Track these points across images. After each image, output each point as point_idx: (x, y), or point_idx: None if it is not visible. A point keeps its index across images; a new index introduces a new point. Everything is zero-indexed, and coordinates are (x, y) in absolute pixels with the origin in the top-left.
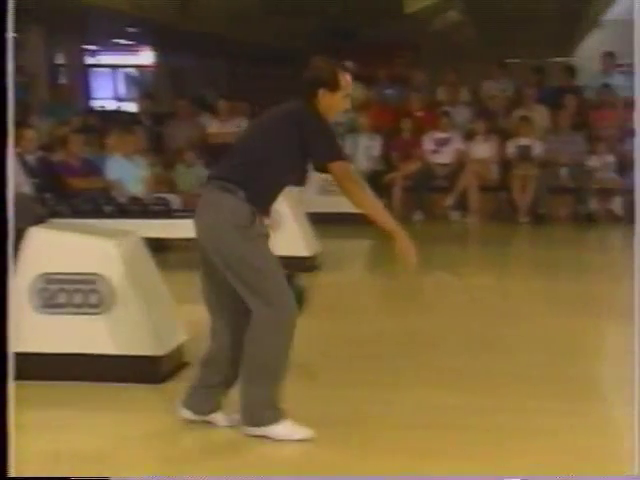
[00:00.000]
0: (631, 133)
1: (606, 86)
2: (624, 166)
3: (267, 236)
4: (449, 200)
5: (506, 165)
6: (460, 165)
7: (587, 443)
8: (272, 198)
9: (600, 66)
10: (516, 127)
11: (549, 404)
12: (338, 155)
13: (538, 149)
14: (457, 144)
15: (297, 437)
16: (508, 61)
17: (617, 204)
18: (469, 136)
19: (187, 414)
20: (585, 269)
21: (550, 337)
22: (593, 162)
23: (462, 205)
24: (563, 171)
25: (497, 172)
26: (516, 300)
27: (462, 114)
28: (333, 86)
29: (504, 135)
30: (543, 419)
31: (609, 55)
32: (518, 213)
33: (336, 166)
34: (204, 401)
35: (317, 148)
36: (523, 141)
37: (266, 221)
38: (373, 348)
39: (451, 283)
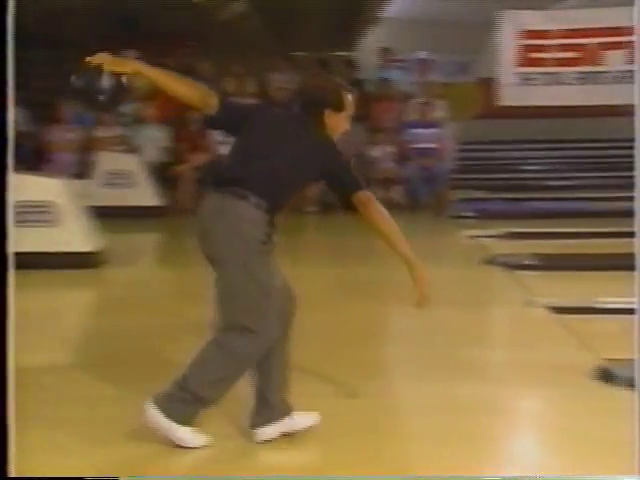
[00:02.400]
0: (408, 125)
1: (384, 80)
2: (402, 156)
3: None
4: None
5: None
6: None
7: (364, 423)
8: (283, 209)
9: (379, 61)
10: None
11: (334, 386)
12: (362, 184)
13: None
14: None
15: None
16: (293, 54)
17: (397, 192)
18: None
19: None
20: (373, 255)
21: (345, 323)
22: (374, 152)
23: None
24: None
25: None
26: (309, 288)
27: None
28: (338, 107)
29: None
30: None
31: (386, 50)
32: (305, 202)
33: (363, 195)
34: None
35: (346, 180)
36: None
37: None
38: (148, 342)
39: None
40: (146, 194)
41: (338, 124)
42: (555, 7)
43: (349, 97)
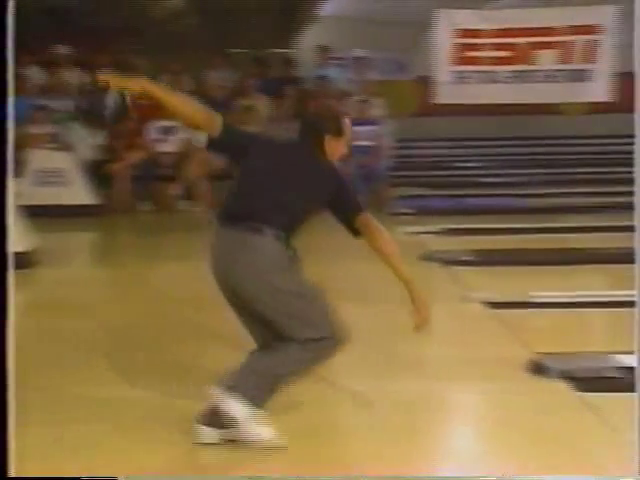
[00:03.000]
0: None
1: (322, 78)
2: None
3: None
4: (176, 189)
5: None
6: (186, 154)
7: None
8: (298, 232)
9: (316, 59)
10: (240, 116)
11: None
12: (363, 206)
13: None
14: (183, 133)
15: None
16: (231, 51)
17: None
18: None
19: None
20: (310, 253)
21: None
22: None
23: (190, 194)
24: None
25: (224, 161)
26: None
27: None
28: (338, 132)
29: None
30: None
31: (324, 48)
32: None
33: (364, 218)
34: None
35: (349, 204)
36: (248, 130)
37: None
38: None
39: (185, 273)
40: (80, 193)
41: (337, 149)
42: (488, 7)
43: (347, 122)
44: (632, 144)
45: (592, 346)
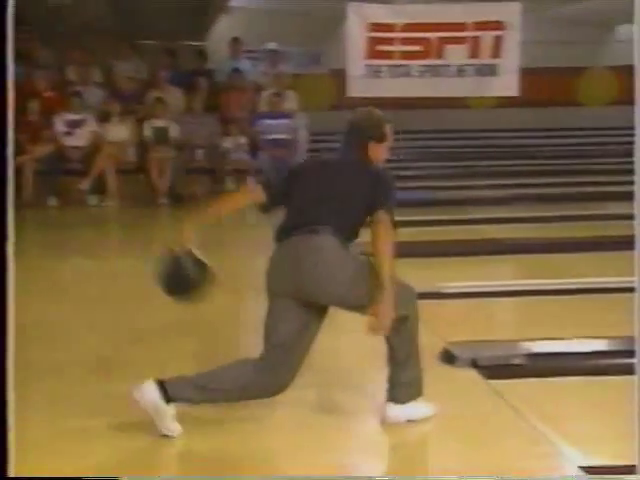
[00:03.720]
0: (259, 116)
1: (235, 70)
2: (254, 147)
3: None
4: (85, 184)
5: (143, 147)
6: (95, 148)
7: None
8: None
9: (229, 51)
10: (151, 109)
11: None
12: (389, 204)
13: (174, 131)
14: (91, 126)
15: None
16: (141, 42)
17: (250, 183)
18: (103, 118)
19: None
20: (224, 246)
21: (201, 317)
22: (227, 143)
23: (99, 189)
24: (198, 152)
25: (134, 154)
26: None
27: (95, 95)
28: (381, 138)
29: (140, 117)
30: None
31: (236, 41)
32: (157, 195)
33: (382, 213)
34: None
35: (378, 196)
36: (159, 123)
37: None
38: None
39: (91, 269)
40: None
41: (380, 153)
42: (399, 1)
43: (389, 128)
44: (534, 137)
45: (501, 334)
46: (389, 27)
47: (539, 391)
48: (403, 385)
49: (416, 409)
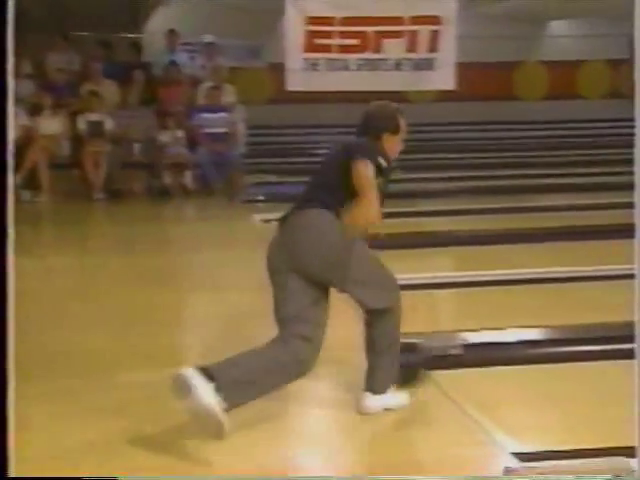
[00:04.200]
0: (197, 109)
1: (172, 63)
2: (192, 141)
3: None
4: (17, 179)
5: (77, 141)
6: (27, 141)
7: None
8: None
9: (165, 43)
10: (85, 102)
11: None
12: (370, 158)
13: (109, 124)
14: (22, 119)
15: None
16: (73, 34)
17: (188, 178)
18: (34, 111)
19: None
20: (164, 242)
21: (135, 311)
22: (164, 137)
23: (32, 184)
24: (135, 146)
25: (68, 148)
26: (97, 278)
27: (25, 88)
28: (395, 130)
29: (73, 110)
30: (133, 392)
31: (172, 33)
32: (92, 190)
33: (362, 163)
34: None
35: (361, 151)
36: (93, 116)
37: None
38: None
39: (26, 266)
40: None
41: (395, 145)
42: None
43: (403, 121)
44: (470, 131)
45: (440, 326)
46: (327, 21)
47: (476, 381)
48: (381, 375)
49: (392, 398)
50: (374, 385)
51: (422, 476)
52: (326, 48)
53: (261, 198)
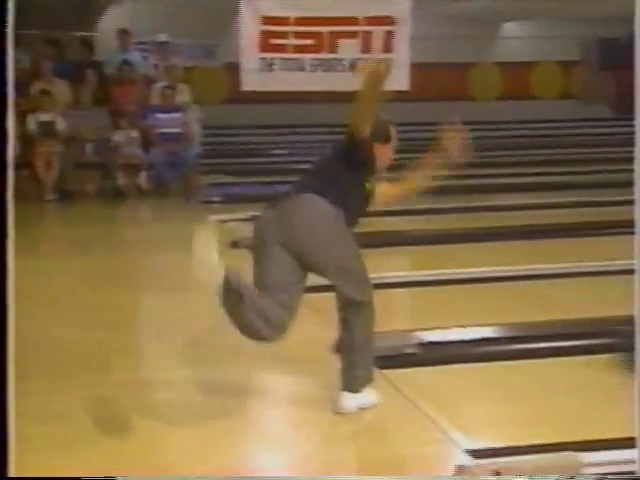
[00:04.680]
0: (151, 109)
1: (125, 62)
2: (146, 141)
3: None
4: None
5: (28, 141)
6: None
7: None
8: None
9: (118, 42)
10: (36, 101)
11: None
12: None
13: (61, 124)
14: None
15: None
16: (21, 32)
17: (143, 178)
18: None
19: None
20: (118, 243)
21: (89, 313)
22: (118, 137)
23: None
24: (88, 147)
25: (18, 148)
26: (51, 280)
27: None
28: (386, 139)
29: (23, 109)
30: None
31: (124, 32)
32: (44, 191)
33: None
34: None
35: None
36: (44, 116)
37: None
38: None
39: None
40: None
41: (386, 154)
42: None
43: (393, 130)
44: (423, 131)
45: (395, 325)
46: (282, 20)
47: (431, 379)
48: (358, 373)
49: (367, 397)
50: (352, 384)
51: (378, 476)
52: (281, 48)
53: (217, 199)
